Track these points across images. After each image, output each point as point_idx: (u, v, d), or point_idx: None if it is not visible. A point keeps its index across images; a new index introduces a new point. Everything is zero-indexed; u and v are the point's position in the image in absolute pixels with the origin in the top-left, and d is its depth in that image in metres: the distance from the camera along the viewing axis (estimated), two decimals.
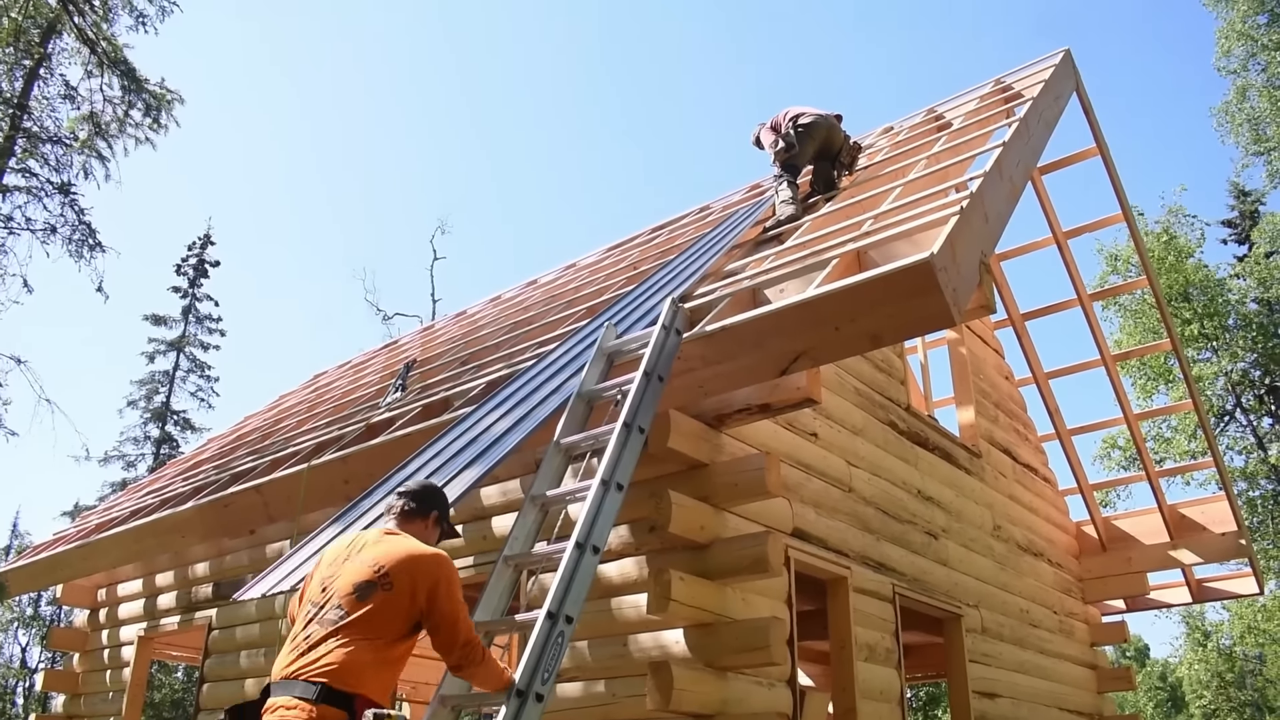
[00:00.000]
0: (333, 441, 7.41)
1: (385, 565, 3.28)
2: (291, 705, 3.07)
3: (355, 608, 3.20)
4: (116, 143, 13.66)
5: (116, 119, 13.61)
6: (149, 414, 31.16)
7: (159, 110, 13.58)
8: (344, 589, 3.26)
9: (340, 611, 3.21)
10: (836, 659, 6.09)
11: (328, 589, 3.32)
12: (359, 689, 3.10)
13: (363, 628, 3.18)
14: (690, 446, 5.17)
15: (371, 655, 3.16)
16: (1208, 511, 9.94)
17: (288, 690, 3.12)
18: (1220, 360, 24.43)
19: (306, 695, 3.06)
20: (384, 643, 3.21)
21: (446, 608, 3.28)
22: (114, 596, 9.81)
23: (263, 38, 70.68)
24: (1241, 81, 25.80)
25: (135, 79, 13.36)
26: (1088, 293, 9.74)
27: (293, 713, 3.05)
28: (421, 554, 3.36)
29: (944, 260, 4.20)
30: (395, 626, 3.23)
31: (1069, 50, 8.50)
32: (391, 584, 3.24)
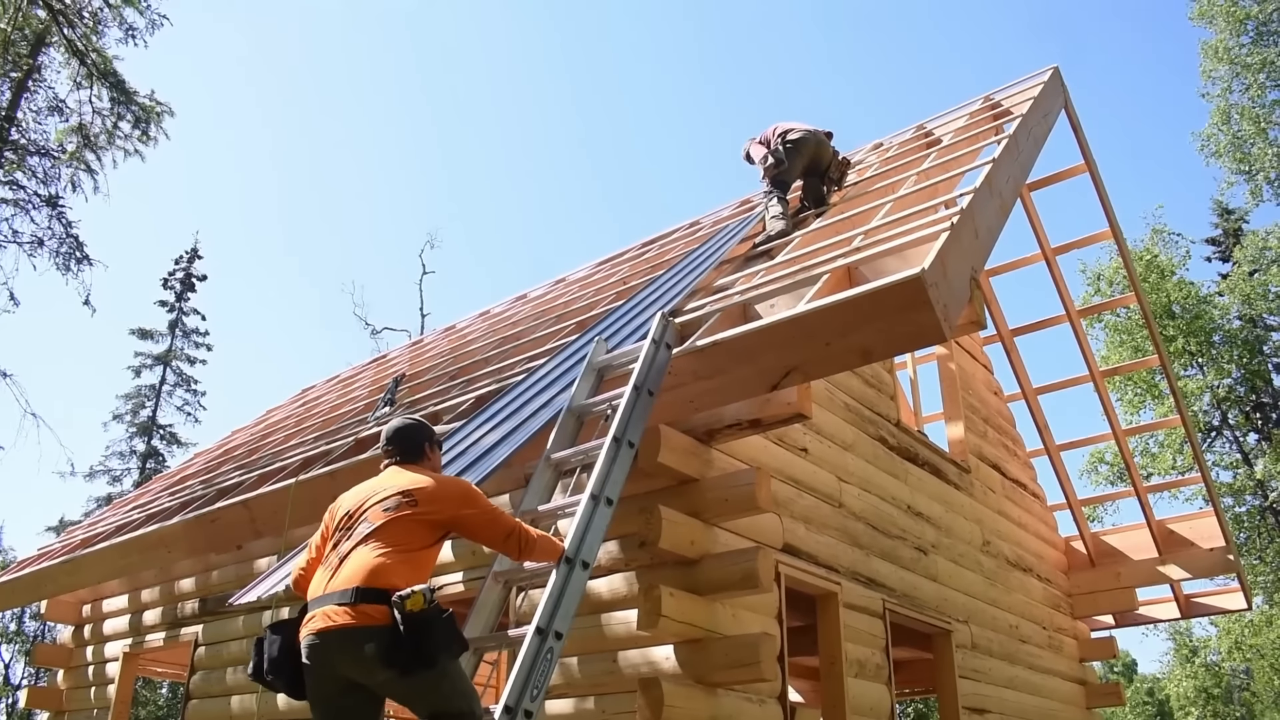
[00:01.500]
0: (320, 457, 7.38)
1: (410, 489, 3.61)
2: (333, 612, 3.32)
3: (384, 518, 3.52)
4: (105, 155, 13.66)
5: (105, 131, 13.58)
6: (135, 428, 31.04)
7: (148, 122, 13.54)
8: (373, 512, 3.57)
9: (369, 526, 3.52)
10: (827, 675, 6.06)
11: (354, 515, 3.62)
12: (393, 583, 3.32)
13: (389, 535, 3.47)
14: (680, 462, 5.16)
15: (400, 557, 3.42)
16: (1196, 527, 9.97)
17: (326, 601, 3.37)
18: (1206, 376, 24.54)
19: (345, 600, 3.32)
20: (411, 549, 3.48)
21: (477, 514, 3.66)
22: (99, 612, 9.73)
23: (252, 51, 70.71)
24: (1224, 104, 25.97)
25: (125, 91, 13.32)
26: (1076, 308, 9.78)
27: (337, 616, 3.30)
28: (440, 480, 3.74)
29: (935, 276, 4.20)
30: (420, 536, 3.53)
31: (1057, 68, 8.55)
32: (416, 502, 3.57)
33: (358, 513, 3.62)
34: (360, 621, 3.26)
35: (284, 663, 3.49)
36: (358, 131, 76.95)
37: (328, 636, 3.30)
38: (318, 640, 3.32)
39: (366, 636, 3.24)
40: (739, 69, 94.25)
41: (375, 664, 3.22)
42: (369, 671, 3.28)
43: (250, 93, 69.80)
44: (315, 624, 3.35)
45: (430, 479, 3.71)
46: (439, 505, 3.60)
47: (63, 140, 13.48)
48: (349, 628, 3.26)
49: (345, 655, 3.29)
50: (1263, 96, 25.39)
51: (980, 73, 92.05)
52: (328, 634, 3.30)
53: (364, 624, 3.25)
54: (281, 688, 3.54)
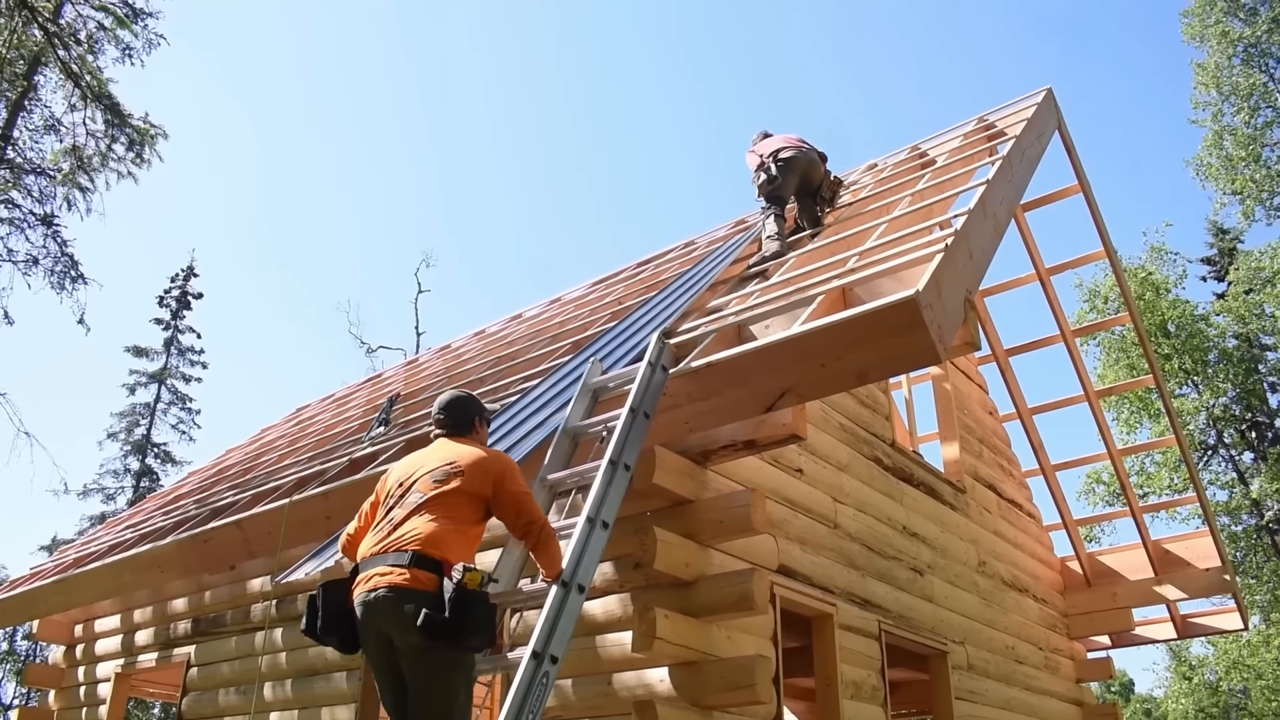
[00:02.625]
0: (315, 476, 7.36)
1: (458, 461, 3.81)
2: (386, 571, 3.50)
3: (434, 489, 3.71)
4: (99, 176, 13.65)
5: (99, 153, 13.58)
6: (129, 446, 30.95)
7: (142, 145, 13.55)
8: (424, 480, 3.76)
9: (421, 495, 3.71)
10: (822, 697, 6.04)
11: (405, 484, 3.81)
12: (446, 555, 3.53)
13: (442, 506, 3.66)
14: (675, 483, 5.14)
15: (454, 528, 3.62)
16: (1192, 547, 9.95)
17: (380, 561, 3.56)
18: (1202, 395, 24.57)
19: (400, 562, 3.50)
20: (462, 523, 3.67)
21: (512, 491, 3.79)
22: (91, 633, 9.68)
23: (247, 68, 70.87)
24: (1217, 127, 26.13)
25: (119, 113, 13.34)
26: (1070, 328, 9.79)
27: (389, 575, 3.48)
28: (486, 453, 3.92)
29: (929, 297, 4.21)
30: (470, 510, 3.72)
31: (1050, 89, 8.58)
32: (464, 473, 3.75)
33: (409, 482, 3.81)
34: (412, 584, 3.44)
35: (336, 620, 3.68)
36: (354, 149, 77.12)
37: (379, 594, 3.48)
38: (370, 597, 3.51)
39: (410, 598, 3.41)
40: (735, 84, 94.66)
41: (410, 625, 3.36)
42: (403, 631, 3.43)
43: (246, 111, 69.99)
44: (370, 583, 3.54)
45: (476, 451, 3.91)
46: (483, 477, 3.78)
47: (58, 161, 13.49)
48: (400, 587, 3.45)
49: (389, 613, 3.45)
50: (1253, 119, 25.54)
51: (976, 91, 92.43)
52: (379, 593, 3.48)
53: (414, 586, 3.44)
54: (334, 644, 3.74)
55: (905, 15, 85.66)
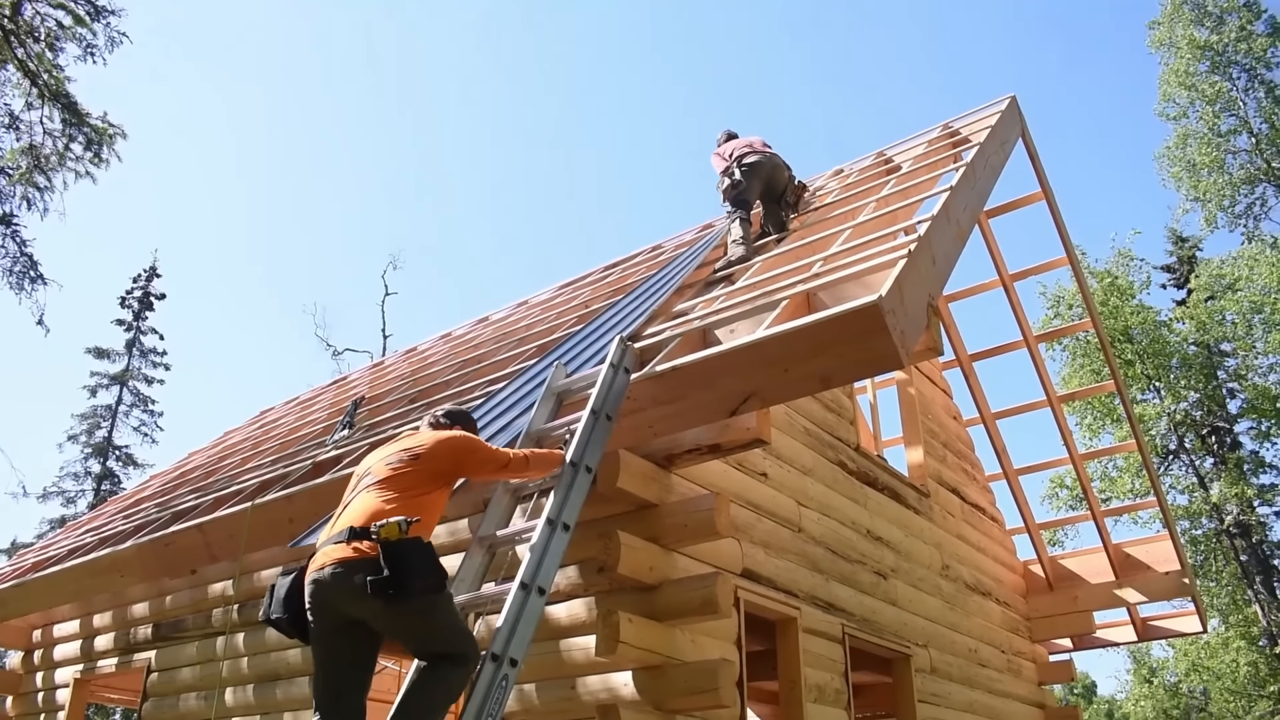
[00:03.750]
0: (277, 480, 7.31)
1: (416, 446, 3.98)
2: (330, 550, 3.61)
3: (387, 471, 3.87)
4: (57, 175, 13.45)
5: (57, 152, 13.40)
6: (90, 449, 30.58)
7: (100, 144, 13.37)
8: (377, 467, 3.93)
9: (373, 478, 3.87)
10: (786, 700, 6.06)
11: (364, 474, 3.98)
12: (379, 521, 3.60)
13: (390, 484, 3.80)
14: (639, 487, 5.14)
15: (398, 502, 3.72)
16: (1152, 551, 10.07)
17: (327, 544, 3.67)
18: (1163, 401, 24.86)
19: (340, 539, 3.61)
20: (410, 494, 3.78)
21: (478, 458, 4.06)
22: (50, 638, 9.55)
23: (211, 68, 70.27)
24: (1183, 128, 26.52)
25: (77, 112, 13.17)
26: (1034, 333, 9.88)
27: (334, 552, 3.57)
28: (445, 434, 4.12)
29: (892, 303, 4.23)
30: (421, 484, 3.85)
31: (1014, 97, 8.67)
32: (419, 458, 3.91)
33: (368, 470, 3.98)
34: (355, 556, 3.51)
35: (289, 603, 3.75)
36: (321, 151, 76.66)
37: (324, 574, 3.57)
38: (316, 578, 3.61)
39: (358, 568, 3.48)
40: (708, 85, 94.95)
41: (362, 594, 3.43)
42: (360, 603, 3.50)
43: (212, 112, 69.40)
44: (314, 564, 3.65)
45: (434, 436, 4.09)
46: (440, 459, 3.95)
47: (15, 160, 13.29)
48: (342, 561, 3.53)
49: (340, 590, 3.53)
50: (1219, 125, 25.92)
51: (941, 96, 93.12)
52: (324, 571, 3.57)
53: (357, 557, 3.51)
54: (285, 627, 3.79)
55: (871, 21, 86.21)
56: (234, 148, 73.36)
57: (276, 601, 3.79)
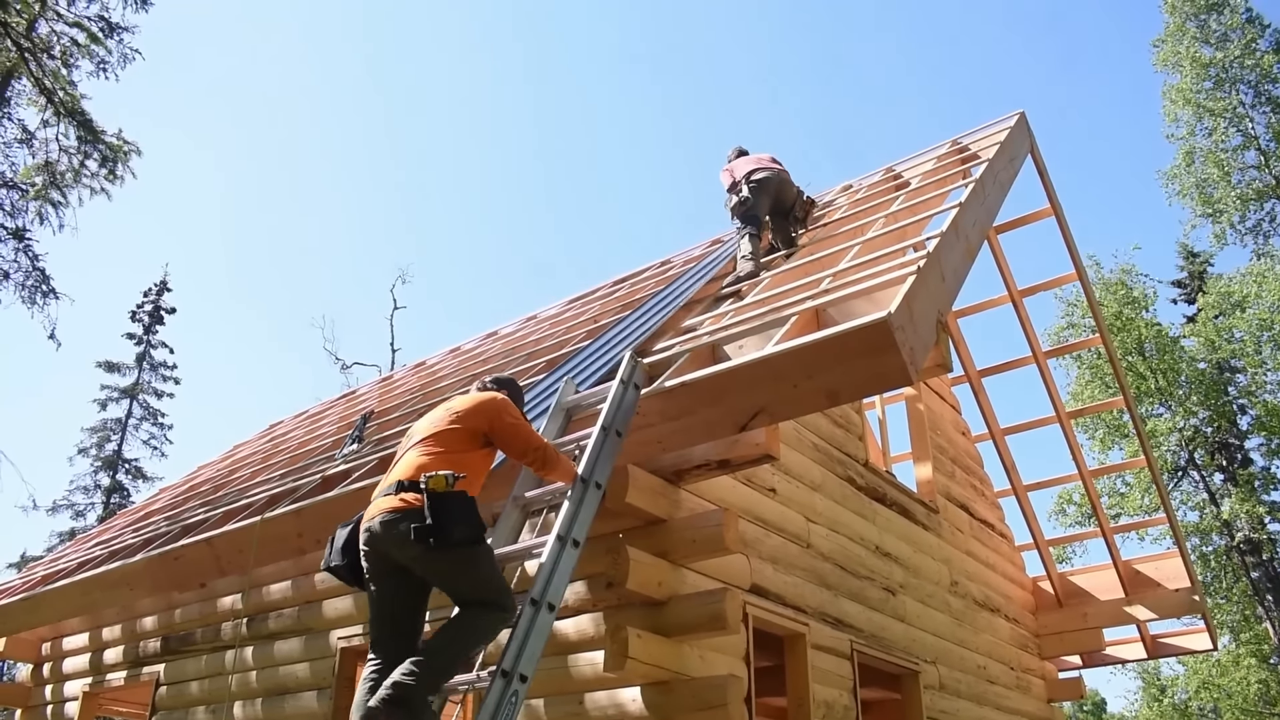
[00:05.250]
0: (287, 494, 7.32)
1: (457, 406, 4.31)
2: (381, 502, 3.91)
3: (430, 431, 4.18)
4: (71, 192, 13.55)
5: (72, 169, 13.49)
6: (100, 462, 30.64)
7: (115, 161, 13.47)
8: (426, 426, 4.26)
9: (420, 435, 4.19)
10: (794, 717, 6.04)
11: (414, 433, 4.28)
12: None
13: (434, 440, 4.11)
14: (648, 502, 5.15)
15: (443, 458, 4.02)
16: (1162, 567, 10.03)
17: (376, 499, 3.98)
18: (1174, 416, 24.79)
19: (390, 491, 3.92)
20: (454, 451, 4.07)
21: (507, 425, 4.24)
22: (59, 650, 9.58)
23: (222, 84, 70.65)
24: (1188, 146, 26.51)
25: (92, 130, 13.27)
26: (1043, 349, 9.87)
27: (384, 504, 3.87)
28: (486, 396, 4.41)
29: (901, 319, 4.24)
30: (463, 442, 4.14)
31: (1023, 113, 8.69)
32: (461, 415, 4.23)
33: (417, 430, 4.28)
34: (402, 506, 3.81)
35: (346, 552, 4.05)
36: (331, 165, 76.93)
37: (375, 523, 3.87)
38: (368, 527, 3.92)
39: (405, 518, 3.76)
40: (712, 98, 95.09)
41: (406, 541, 3.72)
42: (404, 550, 3.78)
43: (220, 126, 69.66)
44: (367, 515, 3.96)
45: (476, 397, 4.40)
46: (478, 417, 4.22)
47: (30, 177, 13.37)
48: (392, 511, 3.82)
49: (389, 538, 3.82)
50: (1226, 141, 25.91)
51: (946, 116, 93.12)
52: (375, 520, 3.87)
53: (404, 508, 3.80)
54: (344, 574, 4.07)
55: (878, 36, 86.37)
56: (243, 161, 73.67)
57: (335, 550, 4.08)
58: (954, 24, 78.15)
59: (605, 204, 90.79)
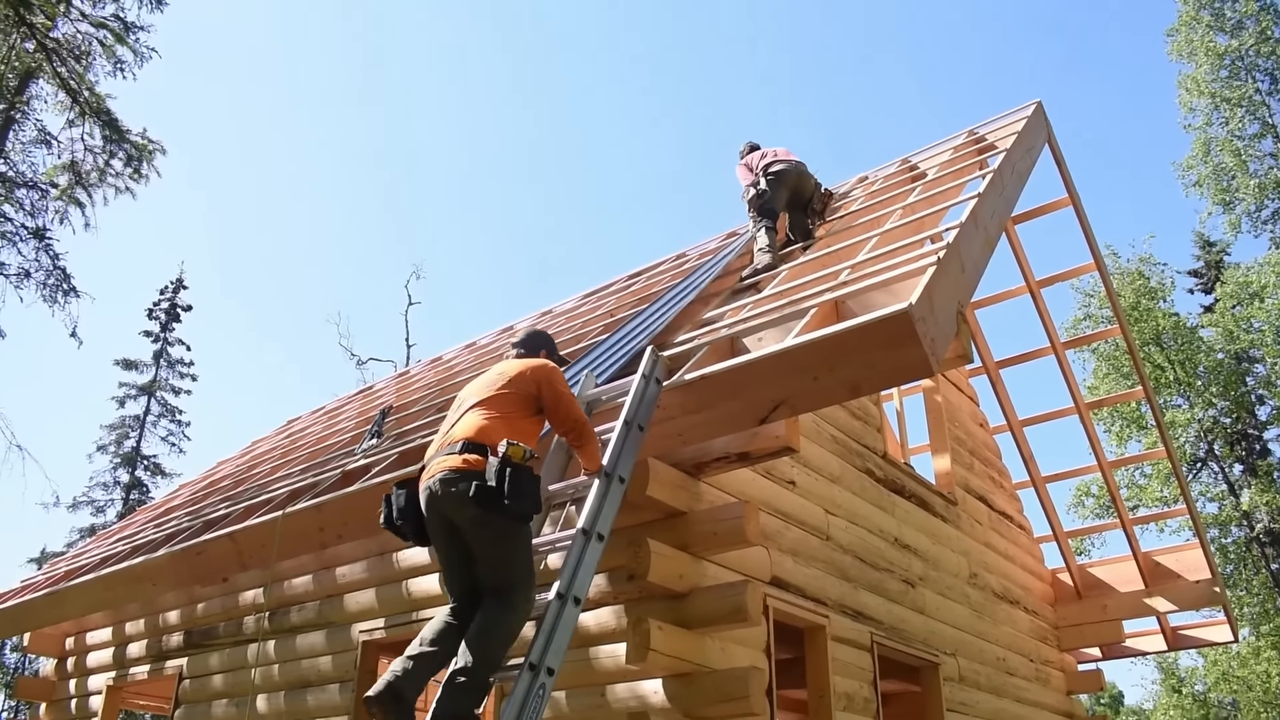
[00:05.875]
0: (307, 489, 7.35)
1: (509, 371, 4.48)
2: (442, 461, 4.05)
3: (485, 394, 4.34)
4: (96, 191, 13.64)
5: (97, 168, 13.58)
6: (119, 459, 30.82)
7: (140, 160, 13.54)
8: (480, 390, 4.42)
9: (475, 398, 4.35)
10: (815, 709, 6.05)
11: (467, 396, 4.44)
12: (492, 440, 4.06)
13: (491, 404, 4.28)
14: (669, 495, 5.16)
15: (502, 422, 4.19)
16: (1182, 559, 9.99)
17: (438, 455, 4.13)
18: (1192, 408, 24.67)
19: (453, 451, 4.05)
20: (510, 416, 4.25)
21: (556, 392, 4.39)
22: (82, 645, 9.66)
23: (235, 78, 70.90)
24: (1204, 136, 26.32)
25: (117, 129, 13.34)
26: (1061, 340, 9.84)
27: (445, 463, 4.03)
28: (536, 362, 4.57)
29: (922, 310, 4.23)
30: (518, 407, 4.31)
31: (1040, 103, 8.64)
32: (511, 379, 4.40)
33: (468, 396, 4.43)
34: (464, 467, 3.95)
35: (408, 512, 4.21)
36: (343, 160, 77.15)
37: (434, 481, 4.02)
38: (428, 485, 4.07)
39: (465, 477, 3.91)
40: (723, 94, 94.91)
41: (465, 500, 3.87)
42: (460, 507, 3.92)
43: (234, 121, 69.92)
44: (427, 473, 4.12)
45: (526, 360, 4.59)
46: (530, 382, 4.39)
47: (54, 177, 13.46)
48: (454, 470, 3.97)
49: (449, 496, 3.95)
50: (1243, 130, 25.72)
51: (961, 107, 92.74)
52: (435, 479, 4.02)
53: (466, 468, 3.94)
54: (409, 533, 4.23)
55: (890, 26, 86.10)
56: (254, 158, 73.92)
57: (396, 509, 4.25)
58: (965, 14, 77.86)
59: (618, 199, 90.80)
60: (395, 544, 6.61)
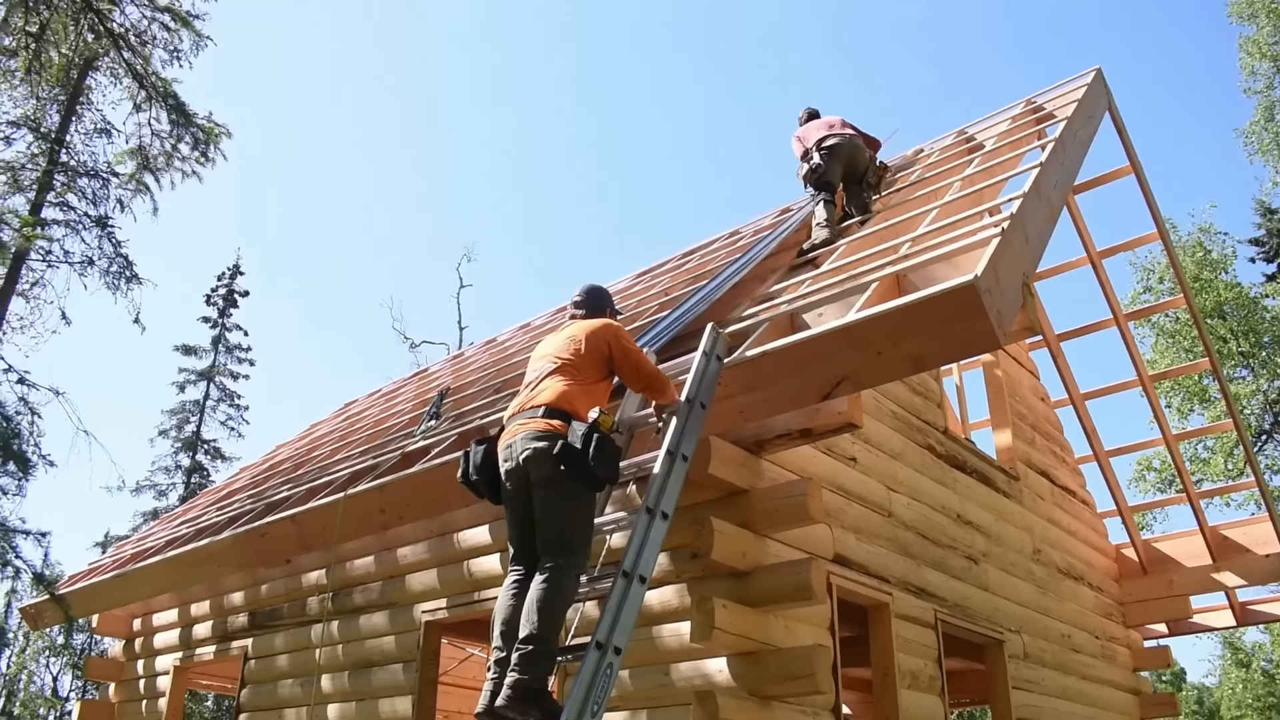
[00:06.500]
0: (368, 470, 7.41)
1: (578, 334, 4.59)
2: (525, 422, 4.24)
3: (560, 359, 4.47)
4: (164, 176, 13.80)
5: (164, 153, 13.74)
6: (180, 443, 31.30)
7: (208, 144, 13.68)
8: (551, 353, 4.55)
9: (551, 364, 4.47)
10: (880, 687, 6.00)
11: (539, 359, 4.59)
12: (574, 406, 4.25)
13: (568, 370, 4.41)
14: (731, 473, 5.12)
15: (579, 388, 4.35)
16: (1250, 533, 9.78)
17: (520, 417, 4.30)
18: (1257, 379, 24.16)
19: (535, 414, 4.23)
20: (587, 381, 4.40)
21: (625, 349, 4.53)
22: (149, 626, 9.83)
23: (286, 66, 71.54)
24: (1267, 100, 25.64)
25: (185, 113, 13.48)
26: (1123, 312, 9.64)
27: (528, 424, 4.21)
28: (602, 322, 4.70)
29: (987, 282, 4.16)
30: (592, 370, 4.46)
31: (1100, 69, 8.45)
32: (584, 341, 4.53)
33: (543, 358, 4.57)
34: (546, 429, 4.12)
35: (484, 468, 4.40)
36: (395, 145, 77.58)
37: (517, 440, 4.19)
38: (509, 443, 4.25)
39: (546, 438, 4.08)
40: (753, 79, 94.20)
41: (546, 458, 4.02)
42: (540, 469, 4.08)
43: (287, 110, 70.58)
44: (508, 433, 4.31)
45: (592, 321, 4.70)
46: (599, 341, 4.52)
47: (121, 162, 13.67)
48: (537, 431, 4.13)
49: (528, 455, 4.11)
50: None
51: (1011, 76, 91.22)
52: (518, 438, 4.19)
53: (549, 430, 4.11)
54: (482, 488, 4.41)
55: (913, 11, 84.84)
56: (307, 144, 74.55)
57: (473, 465, 4.42)
58: None
59: (668, 179, 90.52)
60: (456, 524, 6.65)
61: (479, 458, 4.42)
